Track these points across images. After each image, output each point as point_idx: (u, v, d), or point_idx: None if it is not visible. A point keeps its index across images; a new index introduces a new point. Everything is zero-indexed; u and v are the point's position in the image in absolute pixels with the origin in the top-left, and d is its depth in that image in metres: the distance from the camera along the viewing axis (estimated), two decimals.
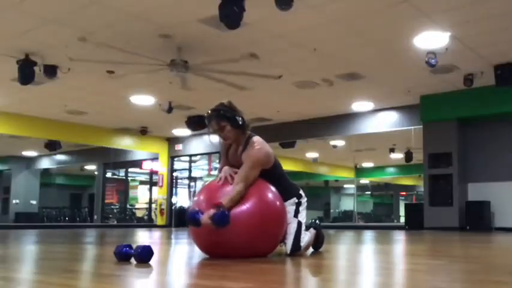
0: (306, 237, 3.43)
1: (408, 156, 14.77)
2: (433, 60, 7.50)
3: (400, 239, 6.77)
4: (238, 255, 3.04)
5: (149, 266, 2.75)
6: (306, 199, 3.50)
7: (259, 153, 3.27)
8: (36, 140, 14.58)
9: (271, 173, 3.34)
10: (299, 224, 3.36)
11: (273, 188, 3.28)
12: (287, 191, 3.40)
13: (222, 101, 3.37)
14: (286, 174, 3.54)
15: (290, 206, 3.37)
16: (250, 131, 3.42)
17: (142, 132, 14.00)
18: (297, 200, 3.42)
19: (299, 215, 3.39)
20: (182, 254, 4.02)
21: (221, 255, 3.09)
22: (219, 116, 3.29)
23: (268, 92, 9.85)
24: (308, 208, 3.52)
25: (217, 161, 13.83)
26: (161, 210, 15.33)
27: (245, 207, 3.08)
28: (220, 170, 3.40)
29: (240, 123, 3.31)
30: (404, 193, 22.63)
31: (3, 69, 8.58)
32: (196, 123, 11.60)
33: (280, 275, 2.60)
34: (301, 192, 3.51)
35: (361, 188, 22.46)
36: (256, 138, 3.36)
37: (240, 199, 3.09)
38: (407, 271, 2.83)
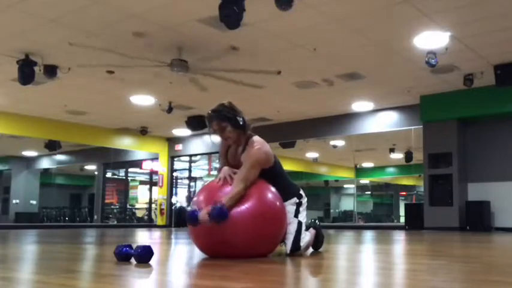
0: (306, 237, 3.42)
1: (408, 156, 14.75)
2: (433, 60, 7.50)
3: (400, 239, 6.76)
4: (238, 255, 3.04)
5: (149, 266, 2.75)
6: (306, 199, 3.49)
7: (259, 153, 3.26)
8: (36, 140, 14.57)
9: (271, 173, 3.33)
10: (299, 224, 3.35)
11: (273, 189, 3.27)
12: (287, 190, 3.39)
13: (222, 102, 3.36)
14: (286, 174, 3.53)
15: (290, 206, 3.36)
16: (250, 131, 3.41)
17: (142, 132, 13.99)
18: (297, 200, 3.41)
19: (299, 215, 3.38)
20: (182, 254, 4.02)
21: (221, 256, 3.09)
22: (219, 117, 3.28)
23: (269, 92, 9.85)
24: (308, 208, 3.52)
25: (217, 161, 13.81)
26: (161, 210, 15.33)
27: (245, 207, 3.07)
28: (219, 171, 3.39)
29: (241, 123, 3.30)
30: (404, 193, 22.59)
31: (3, 69, 8.58)
32: (196, 123, 11.60)
33: (280, 275, 2.60)
34: (301, 192, 3.49)
35: (361, 188, 22.43)
36: (256, 138, 3.34)
37: (239, 199, 3.09)
38: (407, 271, 2.83)
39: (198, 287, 2.10)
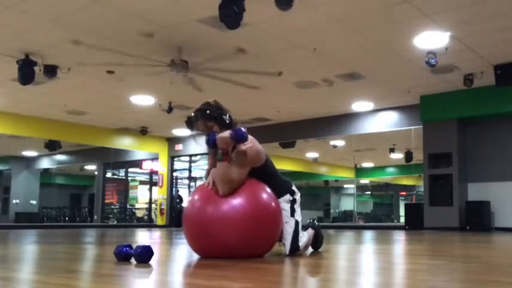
0: (304, 237, 3.40)
1: (408, 156, 14.76)
2: (433, 60, 7.50)
3: (400, 239, 6.76)
4: (234, 256, 3.02)
5: (149, 266, 2.75)
6: (299, 194, 3.45)
7: (252, 150, 3.19)
8: (36, 140, 14.57)
9: (263, 171, 3.29)
10: (296, 223, 3.32)
11: (267, 189, 3.23)
12: (280, 188, 3.35)
13: (207, 100, 3.29)
14: (278, 172, 3.49)
15: (285, 204, 3.33)
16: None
17: (142, 132, 13.99)
18: (291, 198, 3.37)
19: (295, 214, 3.35)
20: (182, 254, 4.02)
21: (215, 257, 3.06)
22: (205, 116, 3.22)
23: (268, 92, 9.85)
24: (308, 208, 3.51)
25: None
26: (161, 211, 15.33)
27: (240, 208, 3.04)
28: (208, 173, 3.31)
29: (228, 121, 3.23)
30: (404, 193, 22.60)
31: (3, 69, 8.58)
32: None
33: (280, 275, 2.60)
34: (293, 187, 3.45)
35: (361, 188, 22.44)
36: None
37: (228, 176, 3.10)
38: (407, 271, 2.83)
39: (197, 287, 2.10)
